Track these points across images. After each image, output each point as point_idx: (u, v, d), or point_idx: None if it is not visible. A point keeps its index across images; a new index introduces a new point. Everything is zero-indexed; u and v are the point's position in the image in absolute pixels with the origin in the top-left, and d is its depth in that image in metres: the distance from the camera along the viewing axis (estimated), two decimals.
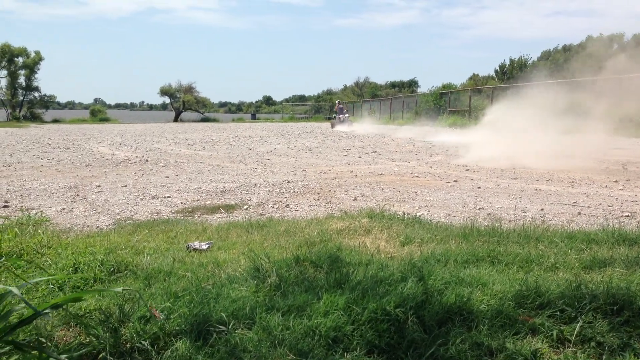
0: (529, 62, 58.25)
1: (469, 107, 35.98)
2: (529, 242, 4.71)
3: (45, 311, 2.20)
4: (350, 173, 10.97)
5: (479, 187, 8.94)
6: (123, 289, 2.71)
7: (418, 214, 6.56)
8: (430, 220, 6.00)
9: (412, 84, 78.35)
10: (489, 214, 6.70)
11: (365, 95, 67.06)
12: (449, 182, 9.55)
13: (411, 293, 3.27)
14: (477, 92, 37.33)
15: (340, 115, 36.89)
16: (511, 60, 59.41)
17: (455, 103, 39.09)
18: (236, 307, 3.12)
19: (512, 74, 57.52)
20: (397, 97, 52.11)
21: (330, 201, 7.65)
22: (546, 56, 60.11)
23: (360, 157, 14.76)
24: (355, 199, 7.79)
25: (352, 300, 3.18)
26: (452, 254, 4.26)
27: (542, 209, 7.03)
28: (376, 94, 64.73)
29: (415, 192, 8.39)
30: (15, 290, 1.89)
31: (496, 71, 60.85)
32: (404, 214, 6.16)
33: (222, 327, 2.92)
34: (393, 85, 78.20)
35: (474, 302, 3.22)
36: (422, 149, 17.33)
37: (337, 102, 40.99)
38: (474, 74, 60.33)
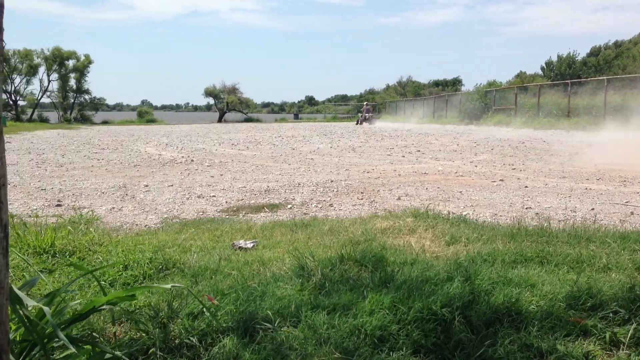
0: (577, 59, 56.78)
1: (515, 105, 35.29)
2: (579, 243, 4.58)
3: (102, 307, 2.26)
4: (393, 172, 10.91)
5: (526, 187, 8.76)
6: (172, 285, 2.75)
7: (463, 213, 6.47)
8: (476, 220, 5.91)
9: (456, 83, 77.35)
10: (537, 213, 6.56)
11: (408, 95, 66.57)
12: (494, 182, 9.39)
13: (458, 293, 3.23)
14: (523, 90, 36.58)
15: (366, 114, 42.76)
16: (559, 57, 58.03)
17: (500, 101, 38.40)
18: (281, 305, 3.14)
19: (559, 70, 56.18)
20: (440, 96, 51.54)
21: (374, 200, 7.62)
22: (596, 52, 58.43)
23: (403, 156, 14.66)
24: (399, 198, 7.74)
25: (397, 299, 3.16)
26: (499, 254, 4.19)
27: (592, 209, 6.84)
28: (419, 93, 64.16)
29: (460, 192, 8.28)
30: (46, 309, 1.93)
31: (543, 68, 59.55)
32: (448, 213, 6.09)
33: (268, 325, 2.94)
34: (436, 83, 77.34)
35: (523, 303, 3.16)
36: (467, 148, 17.08)
37: (365, 103, 48.27)
38: (520, 72, 59.10)
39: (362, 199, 7.79)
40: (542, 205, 7.14)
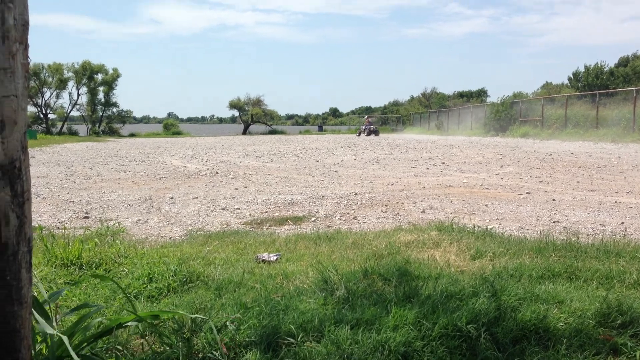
0: (605, 69, 56.00)
1: (542, 116, 34.89)
2: (609, 258, 4.49)
3: (127, 324, 2.27)
4: (418, 185, 10.84)
5: (554, 200, 8.63)
6: (195, 316, 2.78)
7: (489, 227, 6.39)
8: (502, 234, 5.83)
9: (481, 94, 76.90)
10: (565, 227, 6.45)
11: (432, 106, 66.28)
12: (521, 194, 9.26)
13: (483, 309, 3.18)
14: (550, 101, 36.16)
15: (366, 127, 46.67)
16: (586, 67, 57.31)
17: (526, 112, 38.00)
18: (305, 320, 3.12)
19: (587, 81, 55.45)
20: (465, 107, 51.23)
21: (398, 213, 7.58)
22: (624, 62, 57.57)
23: (428, 168, 14.58)
24: (423, 211, 7.68)
25: (422, 314, 3.13)
26: (526, 269, 4.12)
27: (622, 223, 6.70)
28: (444, 105, 63.82)
29: (486, 205, 8.19)
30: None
31: (570, 79, 58.85)
32: (474, 226, 6.02)
33: (291, 340, 2.93)
34: (461, 95, 76.98)
35: (551, 320, 3.09)
36: (492, 160, 16.92)
37: (366, 116, 52.40)
38: (546, 82, 58.58)
39: (386, 211, 7.75)
40: (570, 219, 7.02)
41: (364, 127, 47.77)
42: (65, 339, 1.84)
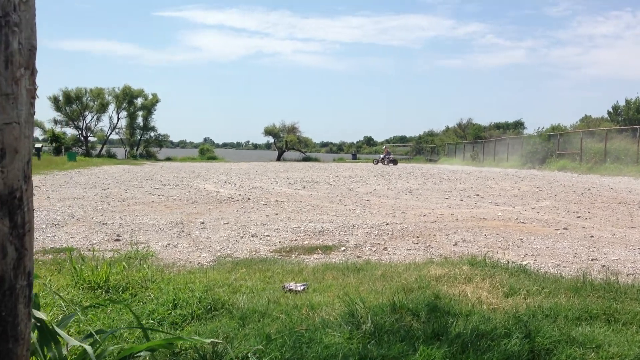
0: None
1: (580, 150, 34.23)
2: None
3: (139, 354, 2.22)
4: (451, 217, 10.66)
5: (592, 236, 8.36)
6: (211, 341, 2.72)
7: (523, 262, 6.20)
8: (537, 271, 5.64)
9: (518, 126, 75.99)
10: (604, 266, 6.21)
11: (467, 137, 65.71)
12: (557, 230, 9.01)
13: (516, 351, 3.04)
14: (589, 135, 35.48)
15: (384, 156, 48.92)
16: (627, 101, 56.23)
17: (564, 145, 37.36)
18: (328, 354, 3.04)
19: (627, 115, 54.37)
20: (501, 139, 50.67)
21: (429, 245, 7.43)
22: None
23: (461, 200, 14.35)
24: (455, 244, 7.51)
25: (450, 354, 3.01)
26: (562, 309, 3.95)
27: None
28: (479, 136, 63.21)
29: (521, 239, 7.98)
30: (88, 349, 1.91)
31: (609, 112, 57.76)
32: (508, 262, 5.84)
33: None
34: (497, 126, 76.22)
35: None
36: (529, 193, 16.58)
37: (384, 147, 54.25)
38: (585, 115, 57.52)
39: (417, 243, 7.61)
40: (610, 257, 6.77)
41: (382, 156, 49.89)
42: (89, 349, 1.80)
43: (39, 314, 1.79)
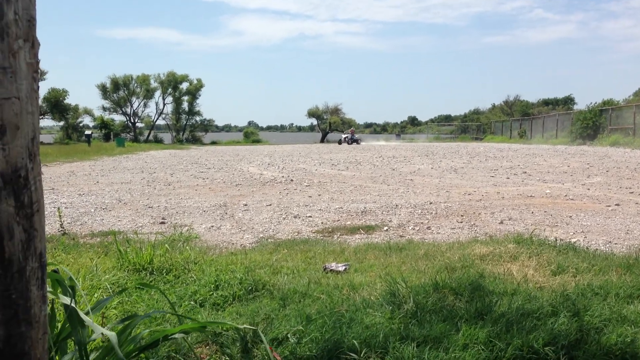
0: None
1: (634, 124, 32.96)
2: None
3: (173, 336, 2.23)
4: (496, 195, 10.42)
5: None
6: (244, 327, 2.72)
7: (572, 240, 6.01)
8: (587, 248, 5.45)
9: (568, 101, 73.80)
10: None
11: (515, 114, 64.14)
12: (609, 206, 8.70)
13: (563, 330, 2.94)
14: None
15: (348, 137, 49.35)
16: None
17: (617, 120, 36.02)
18: (369, 334, 2.99)
19: None
20: (550, 115, 49.25)
21: (474, 224, 7.29)
22: None
23: (508, 177, 14.03)
24: (501, 222, 7.34)
25: (494, 333, 2.92)
26: (613, 287, 3.80)
27: None
28: (527, 112, 61.62)
29: (570, 216, 7.74)
30: (111, 336, 1.91)
31: None
32: (556, 239, 5.66)
33: (354, 355, 2.80)
34: (546, 102, 74.18)
35: None
36: (579, 170, 16.08)
37: (351, 129, 54.30)
38: (639, 89, 55.29)
39: (461, 222, 7.47)
40: None
41: (344, 136, 50.74)
42: (112, 337, 1.80)
43: (64, 299, 1.80)
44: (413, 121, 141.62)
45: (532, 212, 8.17)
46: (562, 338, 2.84)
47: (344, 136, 50.47)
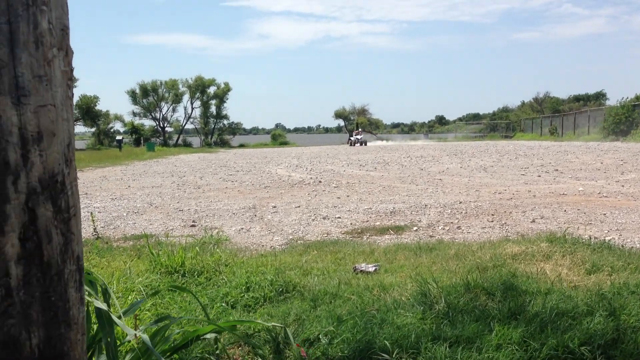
0: None
1: None
2: None
3: (205, 336, 2.26)
4: (528, 193, 10.28)
5: None
6: (273, 325, 2.74)
7: (607, 238, 5.89)
8: (622, 246, 5.34)
9: (599, 97, 72.40)
10: None
11: (545, 111, 63.14)
12: None
13: (599, 329, 2.88)
14: None
15: (356, 137, 49.79)
16: None
17: None
18: (401, 335, 2.98)
19: None
20: (581, 112, 48.38)
21: (505, 223, 7.20)
22: None
23: (539, 175, 13.83)
24: (533, 221, 7.24)
25: (528, 334, 2.89)
26: None
27: None
28: (557, 109, 60.58)
29: (604, 214, 7.59)
30: (145, 338, 1.93)
31: None
32: (590, 238, 5.56)
33: (386, 356, 2.79)
34: (577, 99, 72.84)
35: None
36: (612, 166, 15.76)
37: (360, 129, 55.60)
38: None
39: (492, 221, 7.39)
40: None
41: (355, 137, 50.57)
42: (145, 337, 1.83)
43: (98, 304, 1.84)
44: (441, 120, 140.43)
45: (565, 211, 8.03)
46: (598, 338, 2.79)
47: (355, 138, 50.15)
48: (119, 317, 1.91)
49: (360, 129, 55.90)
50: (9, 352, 1.07)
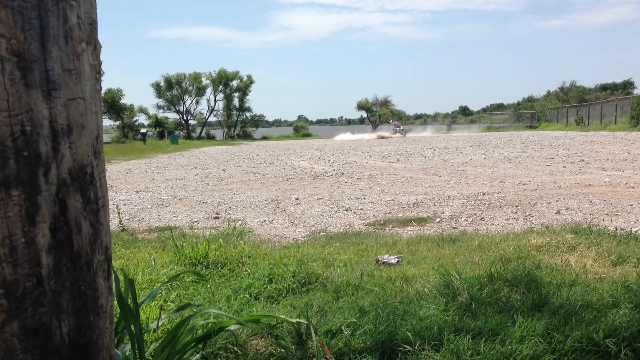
0: None
1: None
2: None
3: (231, 327, 2.29)
4: (552, 184, 10.16)
5: None
6: (297, 321, 2.77)
7: (634, 229, 5.80)
8: None
9: (627, 86, 71.00)
10: None
11: (571, 101, 62.16)
12: None
13: (625, 321, 2.86)
14: None
15: (396, 128, 49.16)
16: None
17: None
18: (423, 326, 2.99)
19: None
20: (608, 101, 47.51)
21: (529, 214, 7.13)
22: None
23: (564, 166, 13.65)
24: (558, 212, 7.16)
25: (552, 326, 2.87)
26: None
27: None
28: (584, 99, 59.58)
29: (631, 205, 7.47)
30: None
31: None
32: (616, 229, 5.49)
33: (408, 347, 2.80)
34: (604, 87, 71.58)
35: None
36: (639, 157, 15.49)
37: (396, 121, 54.35)
38: None
39: (516, 212, 7.33)
40: None
41: (395, 128, 50.11)
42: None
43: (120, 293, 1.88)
44: (464, 111, 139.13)
45: (591, 201, 7.93)
46: (624, 330, 2.76)
47: (395, 128, 49.74)
48: (140, 305, 1.96)
49: (392, 120, 55.75)
50: (40, 339, 1.11)
